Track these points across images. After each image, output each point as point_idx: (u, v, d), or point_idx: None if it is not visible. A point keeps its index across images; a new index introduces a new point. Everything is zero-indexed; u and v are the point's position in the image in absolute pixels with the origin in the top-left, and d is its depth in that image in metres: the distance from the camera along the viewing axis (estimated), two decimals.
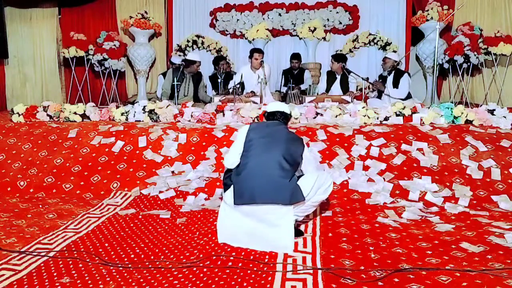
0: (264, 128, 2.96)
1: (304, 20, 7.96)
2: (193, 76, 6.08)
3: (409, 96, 5.77)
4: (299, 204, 2.74)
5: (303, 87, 6.55)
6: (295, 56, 6.89)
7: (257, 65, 5.81)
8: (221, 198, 3.45)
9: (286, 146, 2.79)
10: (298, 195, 2.68)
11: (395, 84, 5.83)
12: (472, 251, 2.54)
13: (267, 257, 2.50)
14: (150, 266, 2.40)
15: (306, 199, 2.73)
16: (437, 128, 4.22)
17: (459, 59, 6.79)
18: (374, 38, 7.92)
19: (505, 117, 4.38)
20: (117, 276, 2.28)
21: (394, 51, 7.54)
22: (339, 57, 6.25)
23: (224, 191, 2.85)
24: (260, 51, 5.94)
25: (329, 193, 2.90)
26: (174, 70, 6.11)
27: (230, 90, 5.64)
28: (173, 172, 3.98)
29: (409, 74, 5.94)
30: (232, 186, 2.75)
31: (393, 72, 5.85)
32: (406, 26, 7.82)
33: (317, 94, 6.03)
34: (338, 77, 6.19)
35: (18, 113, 4.91)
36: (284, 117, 3.05)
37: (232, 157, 2.86)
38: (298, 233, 2.86)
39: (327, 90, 6.20)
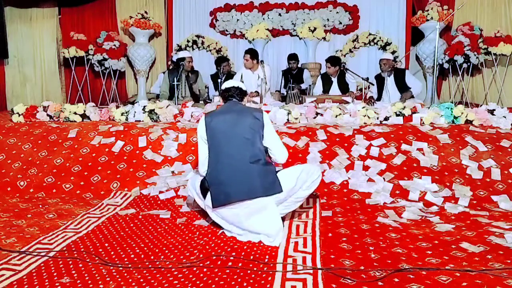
0: (222, 115, 2.81)
1: (304, 20, 7.97)
2: (188, 77, 6.09)
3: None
4: (280, 198, 2.69)
5: (303, 86, 6.54)
6: (292, 57, 6.88)
7: (248, 66, 5.78)
8: None
9: (249, 123, 2.71)
10: (275, 186, 2.62)
11: (398, 84, 5.85)
12: (472, 251, 2.53)
13: (267, 257, 2.50)
14: (150, 266, 2.40)
15: (287, 194, 2.69)
16: (437, 128, 4.22)
17: (459, 59, 6.79)
18: (374, 38, 7.92)
19: (505, 117, 4.38)
20: (117, 276, 2.28)
21: (391, 52, 7.56)
22: (335, 61, 6.22)
23: (204, 196, 2.81)
24: (248, 51, 5.81)
25: (315, 187, 2.82)
26: (172, 71, 6.11)
27: None
28: (173, 172, 3.98)
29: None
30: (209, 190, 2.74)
31: (392, 72, 5.88)
32: (406, 26, 7.83)
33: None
34: (334, 80, 6.19)
35: (18, 113, 4.91)
36: (240, 93, 2.95)
37: (202, 166, 2.81)
38: None
39: (325, 93, 6.19)
